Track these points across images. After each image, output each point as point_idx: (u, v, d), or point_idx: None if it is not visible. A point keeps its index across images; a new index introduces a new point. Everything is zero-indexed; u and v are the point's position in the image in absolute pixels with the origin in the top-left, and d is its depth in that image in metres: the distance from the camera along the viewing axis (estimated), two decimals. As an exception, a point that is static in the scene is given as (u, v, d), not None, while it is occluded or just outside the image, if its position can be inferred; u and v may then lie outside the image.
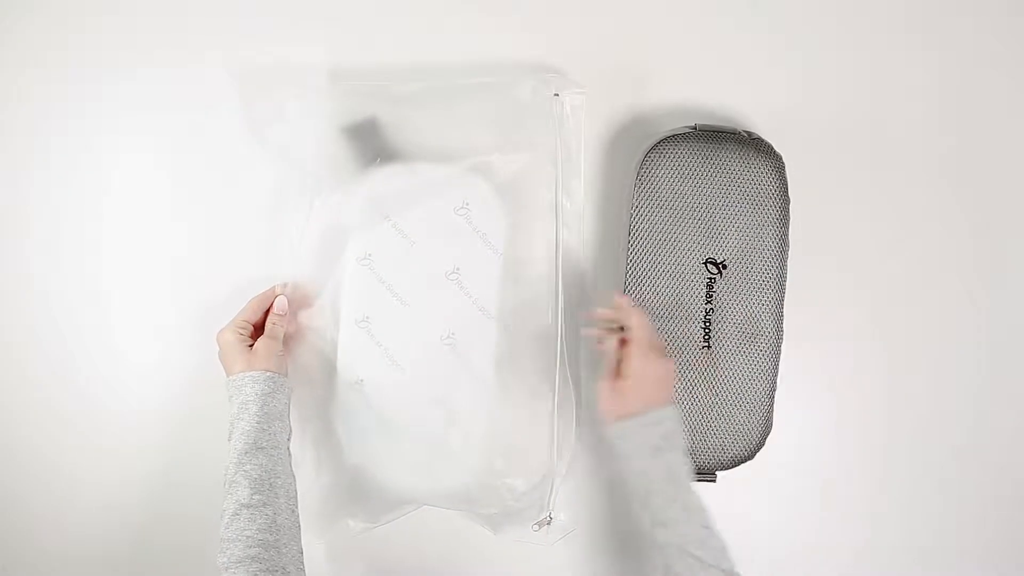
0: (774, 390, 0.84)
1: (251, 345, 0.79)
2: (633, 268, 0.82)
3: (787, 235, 0.83)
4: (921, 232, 0.91)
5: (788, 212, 0.83)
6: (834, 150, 0.90)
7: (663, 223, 0.82)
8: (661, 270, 0.82)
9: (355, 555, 0.89)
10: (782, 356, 0.84)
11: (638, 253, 0.82)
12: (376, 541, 0.87)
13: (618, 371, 0.77)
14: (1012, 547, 0.93)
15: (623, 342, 0.77)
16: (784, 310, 0.84)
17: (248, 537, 0.69)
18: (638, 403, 0.74)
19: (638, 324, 0.76)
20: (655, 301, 0.82)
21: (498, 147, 0.83)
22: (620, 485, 0.76)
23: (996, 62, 0.91)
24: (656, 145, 0.82)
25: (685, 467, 0.74)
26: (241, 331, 0.80)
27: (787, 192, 0.83)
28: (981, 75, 0.91)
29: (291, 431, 0.78)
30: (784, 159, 0.83)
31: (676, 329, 0.82)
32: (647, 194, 0.82)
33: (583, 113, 0.85)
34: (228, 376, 0.78)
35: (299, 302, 0.84)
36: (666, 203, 0.82)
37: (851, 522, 0.92)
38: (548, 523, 0.84)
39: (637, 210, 0.82)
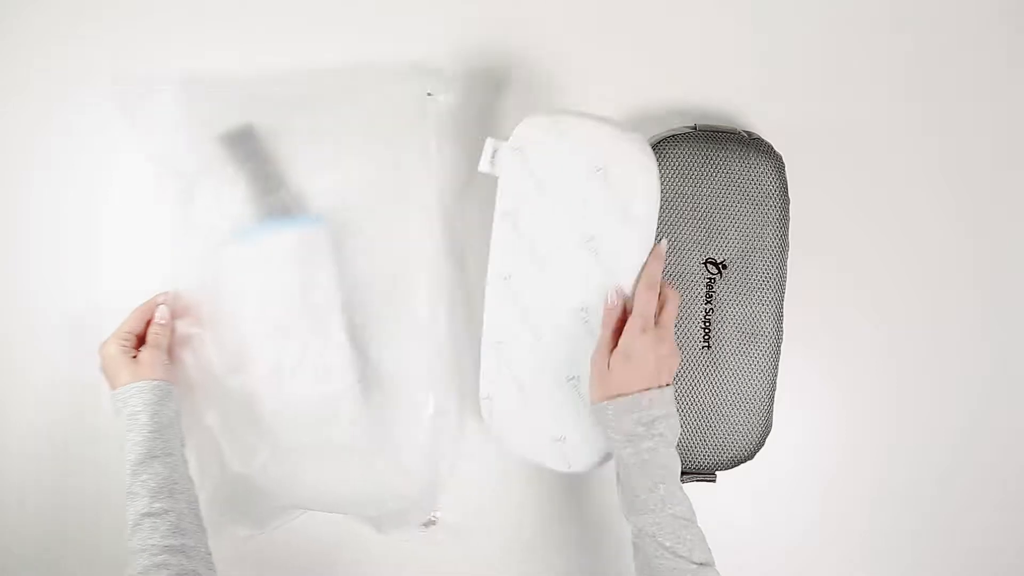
0: (774, 390, 0.84)
1: (135, 356, 0.78)
2: (633, 268, 0.82)
3: (787, 235, 0.83)
4: (921, 232, 0.91)
5: (788, 212, 0.83)
6: (834, 150, 0.90)
7: (663, 223, 0.82)
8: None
9: (247, 562, 0.88)
10: (782, 356, 0.84)
11: (638, 253, 0.82)
12: (264, 547, 0.86)
13: (613, 346, 0.73)
14: (1012, 548, 0.93)
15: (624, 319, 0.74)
16: (784, 310, 0.84)
17: (153, 546, 0.69)
18: (628, 385, 0.71)
19: (646, 300, 0.72)
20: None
21: (372, 147, 0.82)
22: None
23: (996, 61, 0.91)
24: (656, 145, 0.82)
25: (667, 451, 0.71)
26: (124, 342, 0.79)
27: (787, 192, 0.83)
28: (981, 75, 0.91)
29: (183, 437, 0.77)
30: (784, 159, 0.83)
31: (676, 329, 0.82)
32: (647, 194, 0.82)
33: (452, 111, 0.84)
34: (113, 389, 0.77)
35: (180, 311, 0.83)
36: (666, 203, 0.82)
37: (851, 522, 0.92)
38: (434, 523, 0.84)
39: (637, 210, 0.82)
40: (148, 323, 0.81)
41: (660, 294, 0.74)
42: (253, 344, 0.81)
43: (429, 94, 0.81)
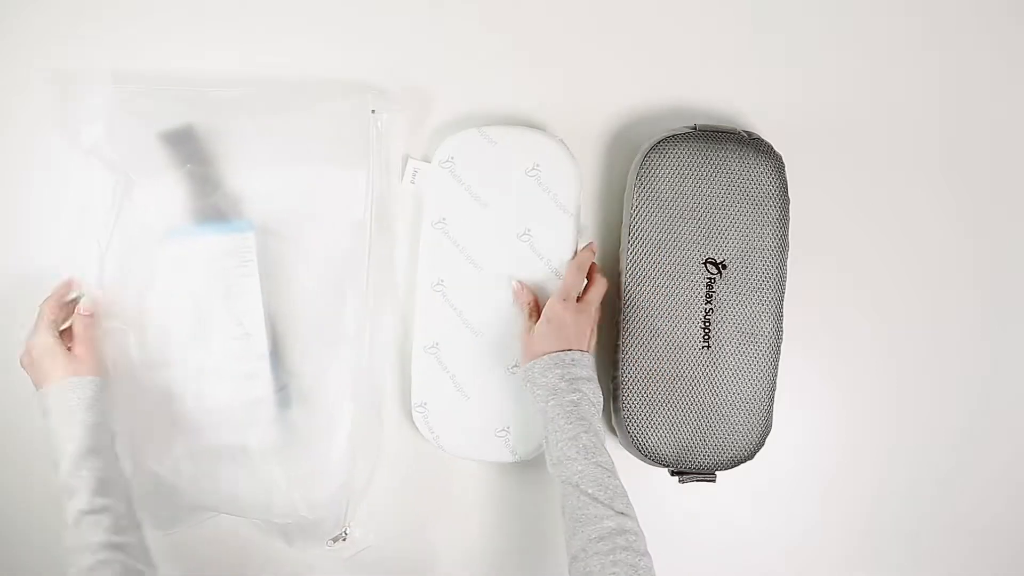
0: (774, 390, 0.84)
1: (70, 348, 0.76)
2: (633, 268, 0.82)
3: (787, 235, 0.83)
4: (921, 232, 0.91)
5: (788, 212, 0.83)
6: (834, 150, 0.90)
7: (663, 223, 0.82)
8: (661, 270, 0.82)
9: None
10: (782, 356, 0.84)
11: (638, 253, 0.82)
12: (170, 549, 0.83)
13: (536, 316, 0.80)
14: (1012, 548, 0.93)
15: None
16: (784, 310, 0.84)
17: (95, 543, 0.67)
18: (551, 345, 0.76)
19: (573, 278, 0.80)
20: (655, 301, 0.82)
21: (311, 158, 0.83)
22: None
23: (996, 62, 0.92)
24: (656, 145, 0.82)
25: (590, 408, 0.75)
26: (55, 334, 0.76)
27: (787, 192, 0.83)
28: (981, 75, 0.92)
29: (114, 434, 0.76)
30: (784, 159, 0.83)
31: (676, 329, 0.82)
32: (647, 194, 0.82)
33: (399, 130, 0.86)
34: (42, 384, 0.74)
35: (103, 304, 0.81)
36: (666, 203, 0.82)
37: (851, 522, 0.92)
38: (343, 539, 0.83)
39: (637, 210, 0.82)
40: (63, 311, 0.78)
41: (590, 278, 0.81)
42: (176, 344, 0.81)
43: (373, 111, 0.83)
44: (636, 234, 0.82)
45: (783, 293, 0.84)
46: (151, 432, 0.81)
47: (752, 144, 0.83)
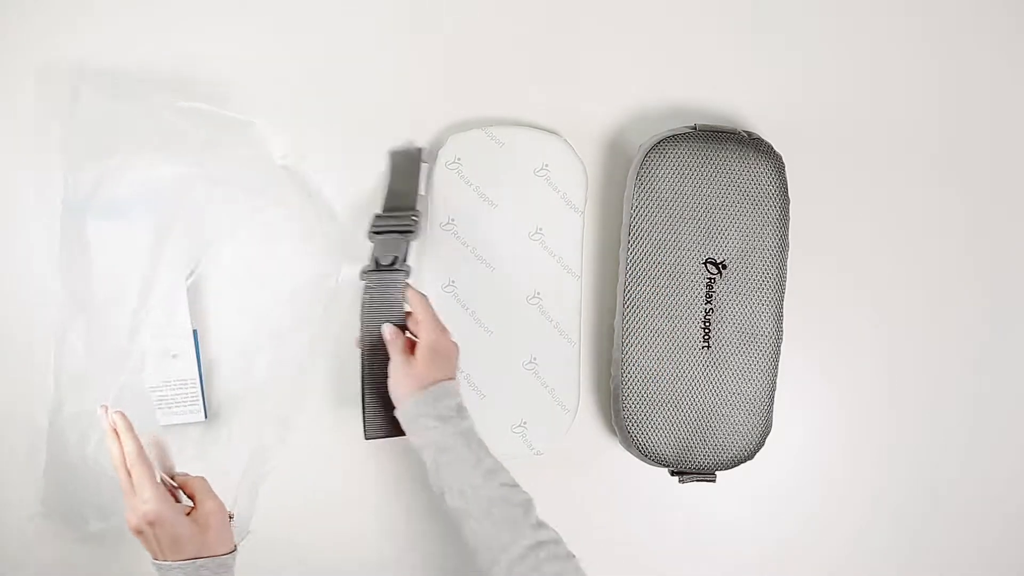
0: (774, 390, 0.84)
1: (189, 513, 0.67)
2: (633, 268, 0.82)
3: (787, 235, 0.83)
4: (921, 232, 0.91)
5: (788, 212, 0.83)
6: (834, 150, 0.90)
7: (663, 223, 0.82)
8: (661, 270, 0.82)
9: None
10: (782, 356, 0.84)
11: (638, 253, 0.82)
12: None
13: (409, 349, 0.77)
14: (1012, 548, 0.93)
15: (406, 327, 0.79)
16: (784, 310, 0.84)
17: None
18: (436, 373, 0.75)
19: (421, 306, 0.77)
20: (655, 301, 0.82)
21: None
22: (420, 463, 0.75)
23: (996, 62, 0.92)
24: (656, 145, 0.82)
25: (475, 430, 0.74)
26: (166, 494, 0.67)
27: (787, 192, 0.83)
28: (981, 75, 0.92)
29: None
30: (784, 159, 0.83)
31: (676, 329, 0.82)
32: (647, 194, 0.82)
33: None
34: (164, 558, 0.66)
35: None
36: (666, 203, 0.82)
37: (850, 522, 0.92)
38: (231, 518, 0.76)
39: (637, 210, 0.82)
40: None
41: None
42: (115, 326, 0.80)
43: (283, 156, 0.84)
44: (636, 234, 0.82)
45: (783, 293, 0.84)
46: (72, 419, 0.79)
47: (752, 144, 0.83)
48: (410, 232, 0.83)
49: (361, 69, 0.87)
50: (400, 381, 0.76)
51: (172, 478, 0.71)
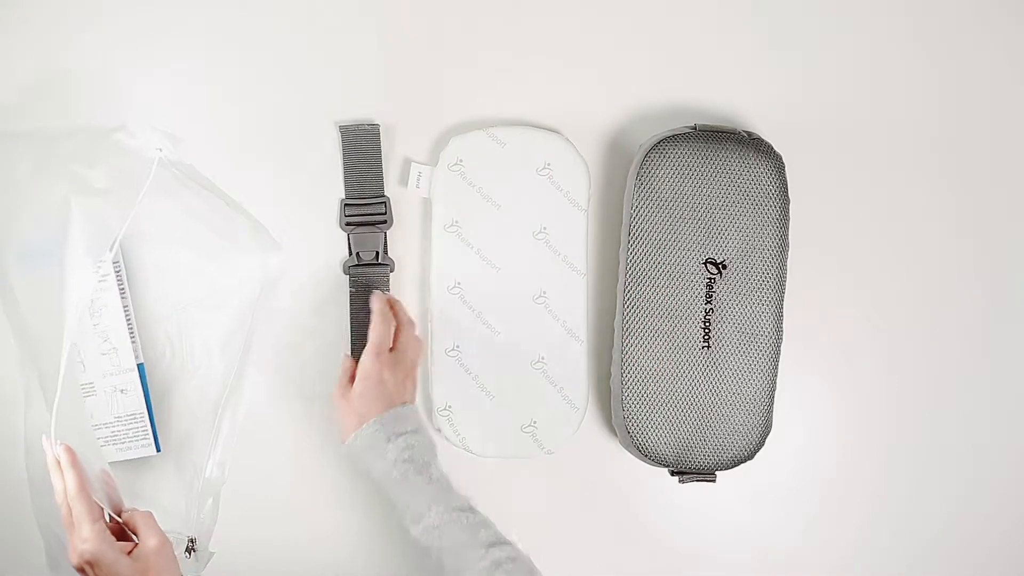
0: (774, 390, 0.84)
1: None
2: (633, 268, 0.82)
3: (787, 235, 0.83)
4: (921, 232, 0.91)
5: (788, 212, 0.83)
6: (834, 150, 0.90)
7: (663, 223, 0.82)
8: (661, 270, 0.82)
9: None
10: (782, 356, 0.84)
11: (638, 253, 0.82)
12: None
13: (351, 379, 0.77)
14: (1013, 548, 0.93)
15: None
16: (784, 310, 0.84)
17: None
18: (372, 406, 0.75)
19: (380, 330, 0.77)
20: (655, 301, 0.82)
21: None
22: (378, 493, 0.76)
23: (997, 62, 0.91)
24: (656, 145, 0.82)
25: (425, 456, 0.74)
26: (110, 538, 0.65)
27: (787, 192, 0.83)
28: (981, 75, 0.92)
29: None
30: (784, 159, 0.83)
31: (676, 329, 0.82)
32: (647, 194, 0.82)
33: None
34: None
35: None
36: (666, 203, 0.82)
37: (851, 522, 0.92)
38: (194, 549, 0.76)
39: (637, 210, 0.82)
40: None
41: (397, 321, 0.80)
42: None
43: (160, 150, 0.76)
44: (636, 234, 0.82)
45: (783, 293, 0.84)
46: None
47: (752, 144, 0.83)
48: (384, 224, 0.85)
49: (361, 69, 0.87)
50: (339, 411, 0.77)
51: (119, 514, 0.69)
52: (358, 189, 0.85)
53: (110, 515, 0.67)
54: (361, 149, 0.85)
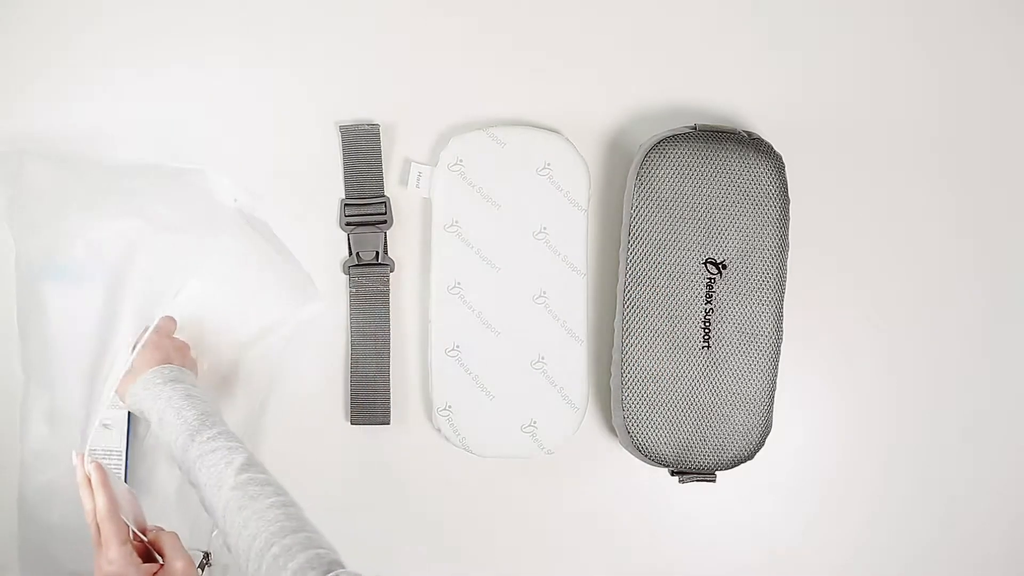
0: (774, 390, 0.84)
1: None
2: (633, 268, 0.82)
3: (787, 235, 0.83)
4: (921, 232, 0.91)
5: (788, 212, 0.83)
6: (834, 150, 0.90)
7: (663, 223, 0.82)
8: (661, 270, 0.82)
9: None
10: (782, 356, 0.84)
11: (638, 253, 0.82)
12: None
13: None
14: (1013, 548, 0.93)
15: None
16: (784, 310, 0.84)
17: None
18: (150, 364, 0.73)
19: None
20: (655, 301, 0.82)
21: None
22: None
23: (996, 62, 0.91)
24: (656, 145, 0.82)
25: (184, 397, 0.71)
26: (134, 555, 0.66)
27: (787, 192, 0.83)
28: (981, 75, 0.92)
29: None
30: (784, 159, 0.83)
31: (676, 329, 0.82)
32: (647, 194, 0.82)
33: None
34: None
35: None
36: (666, 203, 0.82)
37: (851, 522, 0.92)
38: (208, 564, 0.76)
39: (637, 210, 0.82)
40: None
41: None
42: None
43: (235, 200, 0.83)
44: (636, 234, 0.82)
45: (783, 293, 0.84)
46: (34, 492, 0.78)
47: (752, 144, 0.83)
48: (384, 224, 0.85)
49: (361, 69, 0.87)
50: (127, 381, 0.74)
51: (144, 533, 0.69)
52: (358, 189, 0.85)
53: (135, 533, 0.68)
54: (361, 149, 0.85)
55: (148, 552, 0.68)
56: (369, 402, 0.86)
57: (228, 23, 0.86)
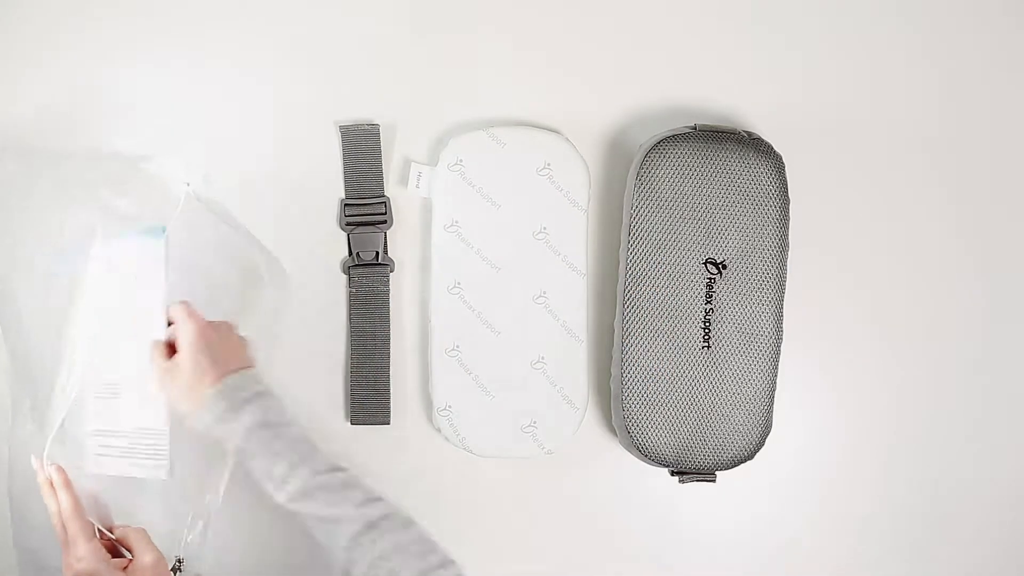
0: (774, 390, 0.84)
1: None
2: (633, 268, 0.82)
3: (787, 235, 0.83)
4: (921, 232, 0.91)
5: (788, 212, 0.83)
6: (834, 150, 0.90)
7: (663, 223, 0.82)
8: (661, 270, 0.82)
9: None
10: (782, 356, 0.84)
11: (638, 253, 0.82)
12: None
13: (168, 352, 0.70)
14: (1012, 548, 0.93)
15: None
16: (784, 310, 0.84)
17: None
18: (204, 379, 0.68)
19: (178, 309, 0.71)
20: (655, 301, 0.82)
21: None
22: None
23: (996, 62, 0.92)
24: (656, 145, 0.82)
25: (281, 418, 0.69)
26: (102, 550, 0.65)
27: (787, 192, 0.83)
28: (981, 75, 0.92)
29: None
30: (784, 159, 0.83)
31: (676, 329, 0.82)
32: (647, 194, 0.82)
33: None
34: None
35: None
36: (666, 203, 0.82)
37: (850, 522, 0.92)
38: (180, 570, 0.74)
39: (637, 210, 0.82)
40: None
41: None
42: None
43: (188, 184, 0.79)
44: (636, 234, 0.82)
45: (783, 293, 0.84)
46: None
47: (752, 144, 0.83)
48: (384, 224, 0.85)
49: (361, 69, 0.87)
50: (167, 389, 0.70)
51: (111, 531, 0.68)
52: (358, 189, 0.85)
53: (101, 531, 0.67)
54: (361, 149, 0.85)
55: (115, 550, 0.68)
56: (369, 402, 0.86)
57: (228, 23, 0.86)
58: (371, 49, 0.87)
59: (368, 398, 0.86)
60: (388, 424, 0.86)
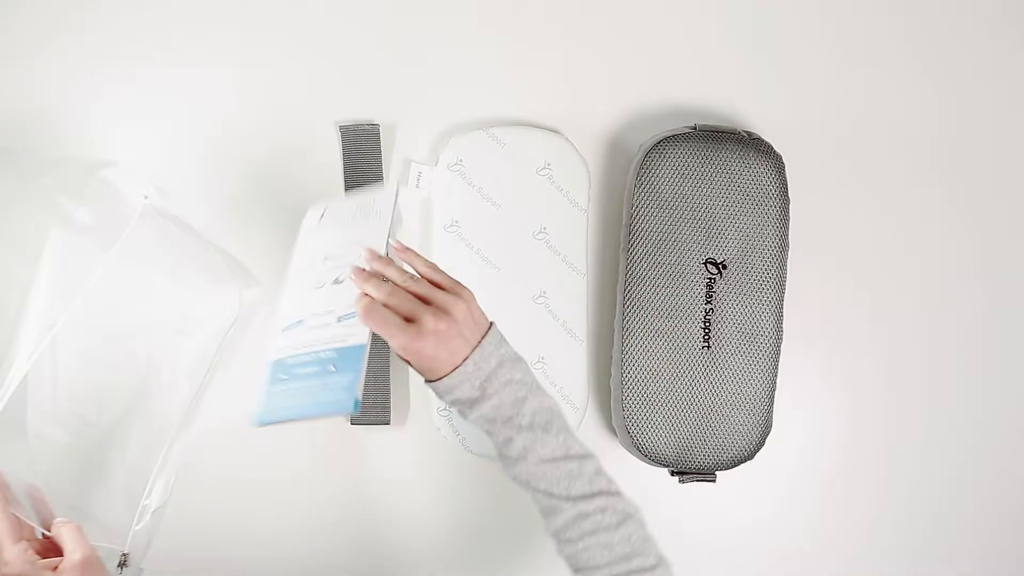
0: (774, 390, 0.84)
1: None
2: (633, 268, 0.82)
3: (787, 235, 0.83)
4: (921, 232, 0.91)
5: (788, 212, 0.83)
6: (834, 150, 0.90)
7: (663, 223, 0.82)
8: (661, 270, 0.82)
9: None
10: (782, 356, 0.84)
11: (638, 253, 0.82)
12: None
13: (409, 321, 0.65)
14: (1012, 548, 0.93)
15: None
16: (784, 310, 0.84)
17: None
18: (456, 352, 0.67)
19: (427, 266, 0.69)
20: (655, 301, 0.82)
21: None
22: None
23: (996, 62, 0.92)
24: (656, 145, 0.82)
25: (522, 399, 0.69)
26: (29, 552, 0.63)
27: (787, 192, 0.83)
28: (981, 75, 0.92)
29: None
30: (784, 159, 0.83)
31: (676, 329, 0.82)
32: (647, 194, 0.82)
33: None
34: None
35: None
36: (666, 203, 0.82)
37: (851, 522, 0.92)
38: (126, 564, 0.72)
39: (637, 210, 0.82)
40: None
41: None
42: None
43: (146, 197, 0.76)
44: (636, 234, 0.82)
45: (783, 293, 0.84)
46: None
47: (752, 144, 0.83)
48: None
49: (361, 69, 0.87)
50: (415, 357, 0.67)
51: (49, 529, 0.67)
52: (358, 189, 0.85)
53: (41, 532, 0.66)
54: (361, 149, 0.85)
55: (56, 548, 0.66)
56: (369, 402, 0.86)
57: (228, 23, 0.86)
58: (371, 49, 0.87)
59: (368, 398, 0.86)
60: (388, 424, 0.86)
